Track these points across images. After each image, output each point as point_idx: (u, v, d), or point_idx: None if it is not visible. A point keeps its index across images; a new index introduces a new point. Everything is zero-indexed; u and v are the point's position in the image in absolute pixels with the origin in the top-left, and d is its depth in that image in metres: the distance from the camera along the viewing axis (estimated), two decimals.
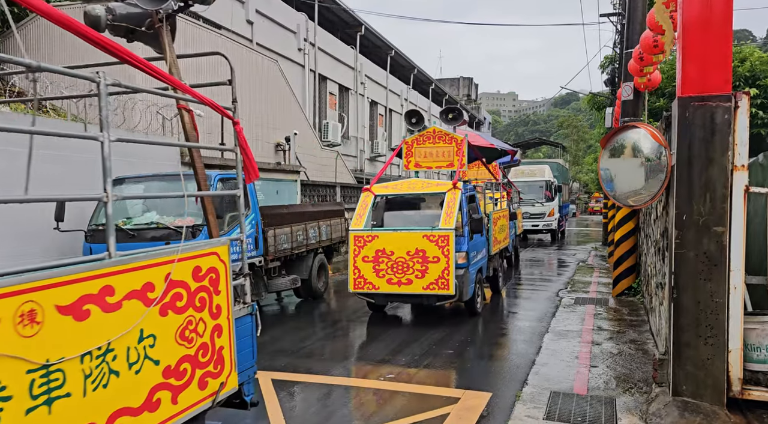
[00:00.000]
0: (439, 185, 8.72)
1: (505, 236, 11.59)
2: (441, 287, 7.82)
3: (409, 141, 9.71)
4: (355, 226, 8.32)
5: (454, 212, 7.99)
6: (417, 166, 9.65)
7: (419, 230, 8.01)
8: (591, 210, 53.28)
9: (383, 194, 8.95)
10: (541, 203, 22.92)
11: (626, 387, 5.47)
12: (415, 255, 7.90)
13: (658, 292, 6.58)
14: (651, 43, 7.62)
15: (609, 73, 20.70)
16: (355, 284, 8.18)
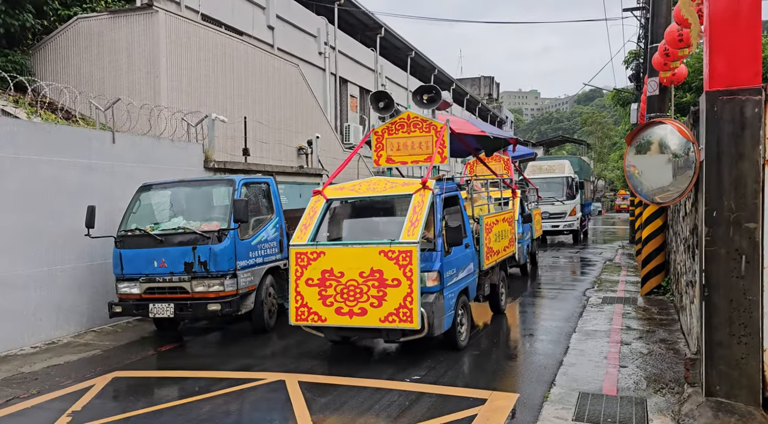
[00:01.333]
0: (406, 185, 6.90)
1: (509, 244, 9.38)
2: (403, 318, 5.98)
3: (379, 131, 7.87)
4: (297, 239, 6.54)
5: (421, 219, 6.20)
6: (389, 162, 7.84)
7: (374, 245, 6.21)
8: (617, 208, 52.48)
9: (338, 198, 7.15)
10: (561, 202, 21.11)
11: (657, 387, 5.38)
12: (370, 277, 6.12)
13: (688, 290, 6.45)
14: (676, 37, 7.49)
15: (633, 69, 20.39)
16: (296, 315, 6.38)
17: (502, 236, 8.91)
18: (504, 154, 12.96)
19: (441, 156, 7.49)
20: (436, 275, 6.39)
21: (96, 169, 8.75)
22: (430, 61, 31.76)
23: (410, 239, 6.04)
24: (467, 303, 7.37)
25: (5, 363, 7.03)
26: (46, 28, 13.33)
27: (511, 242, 9.59)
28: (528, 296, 10.88)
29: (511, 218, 9.72)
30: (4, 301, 7.46)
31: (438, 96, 7.77)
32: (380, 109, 7.90)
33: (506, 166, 13.04)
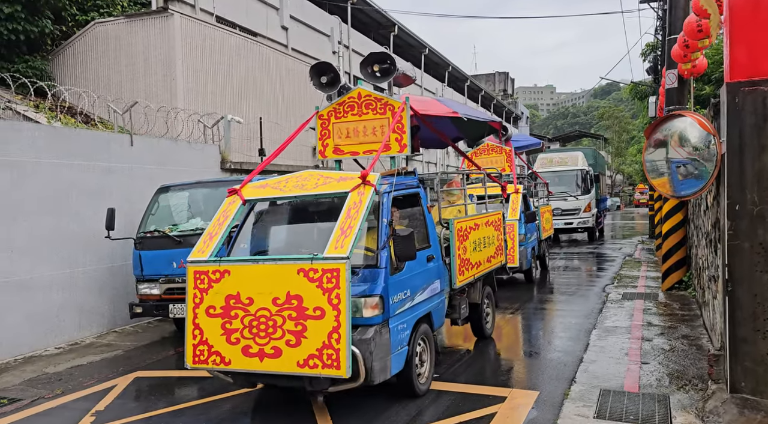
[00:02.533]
0: (342, 181, 5.13)
1: (495, 253, 7.52)
2: (327, 362, 4.32)
3: (324, 114, 6.25)
4: (197, 254, 4.96)
5: (356, 225, 4.56)
6: (337, 153, 6.27)
7: (291, 262, 4.56)
8: (636, 202, 51.88)
9: (257, 199, 5.54)
10: (575, 197, 19.47)
11: (680, 384, 5.30)
12: (286, 305, 4.51)
13: (711, 285, 6.35)
14: (695, 27, 7.36)
15: (651, 61, 20.12)
16: (194, 355, 4.82)
17: (484, 244, 7.07)
18: (506, 145, 11.88)
19: (400, 144, 5.89)
20: (377, 301, 4.72)
21: (115, 171, 8.87)
22: (444, 58, 31.64)
23: (337, 254, 4.37)
24: (430, 334, 5.67)
25: (30, 364, 7.16)
26: (65, 34, 13.54)
27: (499, 250, 7.72)
28: (531, 309, 9.31)
29: (498, 220, 7.74)
30: (28, 303, 7.59)
31: (393, 66, 6.03)
32: (323, 86, 6.15)
33: (508, 158, 11.79)
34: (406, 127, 5.90)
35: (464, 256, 6.41)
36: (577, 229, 20.02)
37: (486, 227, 7.27)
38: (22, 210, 7.57)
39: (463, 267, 6.38)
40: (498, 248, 7.68)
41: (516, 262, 9.80)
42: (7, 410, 5.57)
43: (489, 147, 11.83)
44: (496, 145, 11.79)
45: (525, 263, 10.84)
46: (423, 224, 5.93)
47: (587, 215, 19.56)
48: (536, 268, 12.28)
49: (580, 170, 19.97)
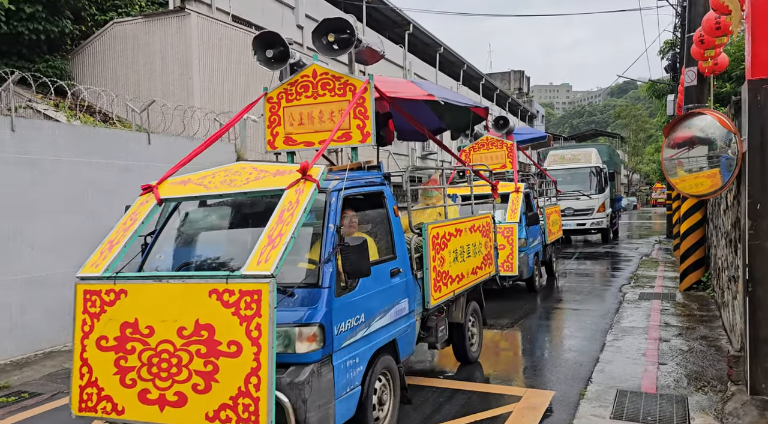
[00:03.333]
0: (279, 175, 4.00)
1: (482, 263, 6.48)
2: (243, 417, 3.25)
3: (273, 96, 5.21)
4: (90, 269, 3.94)
5: (288, 232, 3.45)
6: (289, 143, 5.20)
7: (203, 281, 3.46)
8: (654, 202, 51.29)
9: (175, 198, 4.32)
10: (588, 196, 18.29)
11: (699, 385, 5.24)
12: (194, 337, 3.42)
13: (730, 286, 6.26)
14: (713, 24, 7.25)
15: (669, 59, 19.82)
16: (80, 400, 3.69)
17: (469, 253, 6.05)
18: (508, 139, 10.92)
19: (362, 132, 4.85)
20: (314, 332, 3.60)
21: (132, 169, 8.97)
22: (459, 57, 31.53)
23: (259, 271, 3.27)
24: (394, 367, 4.53)
25: (50, 359, 7.27)
26: (84, 33, 13.72)
27: (488, 260, 6.69)
28: (531, 324, 8.12)
29: (487, 224, 6.72)
30: (47, 299, 7.71)
31: (352, 37, 4.88)
32: (269, 61, 5.10)
33: (509, 153, 10.71)
34: (370, 111, 4.82)
35: (441, 268, 5.35)
36: (590, 230, 18.94)
37: (471, 233, 6.14)
38: (41, 207, 7.69)
39: (441, 282, 5.31)
40: (487, 256, 6.62)
41: (515, 270, 8.72)
42: (28, 404, 5.67)
43: (488, 141, 10.84)
44: (497, 139, 10.82)
45: (526, 271, 9.69)
46: (387, 230, 4.77)
47: (601, 215, 18.40)
48: (540, 275, 10.94)
49: (594, 168, 18.90)
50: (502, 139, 10.78)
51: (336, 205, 4.07)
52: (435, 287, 5.21)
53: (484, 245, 6.60)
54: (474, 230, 6.29)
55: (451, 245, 5.62)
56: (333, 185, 4.16)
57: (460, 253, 5.85)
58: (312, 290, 3.76)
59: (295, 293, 3.74)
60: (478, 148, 10.86)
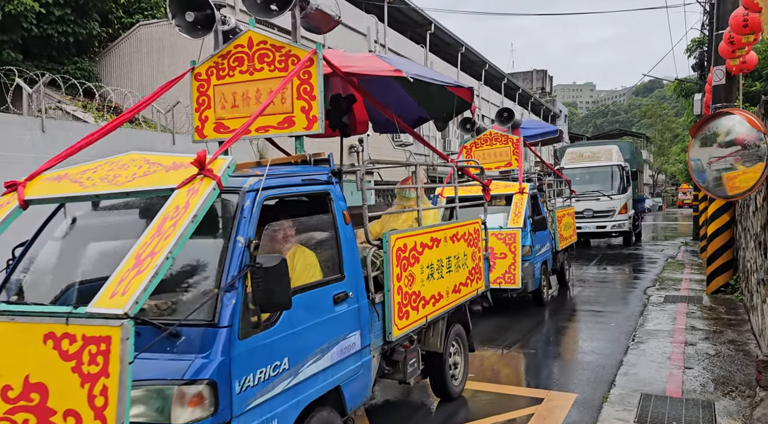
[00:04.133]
0: (173, 170, 2.88)
1: (468, 279, 5.42)
2: None
3: (202, 72, 4.21)
4: None
5: (162, 251, 2.34)
6: (219, 131, 4.16)
7: (38, 319, 2.27)
8: (680, 203, 50.40)
9: (39, 199, 3.11)
10: (609, 197, 17.07)
11: (726, 390, 5.13)
12: (21, 401, 2.23)
13: (759, 289, 6.12)
14: (741, 22, 7.10)
15: (697, 58, 19.48)
16: None
17: (449, 267, 4.96)
18: (514, 133, 9.85)
19: (307, 116, 3.80)
20: (200, 392, 2.58)
21: None
22: (481, 56, 31.38)
23: (109, 308, 2.19)
24: (337, 423, 3.52)
25: None
26: (111, 36, 14.00)
27: (476, 274, 5.59)
28: (534, 345, 6.96)
29: (475, 232, 5.62)
30: None
31: None
32: (192, 27, 4.10)
33: (515, 149, 9.55)
34: (317, 90, 3.74)
35: (410, 288, 4.26)
36: (610, 233, 17.52)
37: (453, 243, 5.09)
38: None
39: (408, 305, 4.24)
40: (474, 270, 5.56)
41: (518, 282, 7.84)
42: None
43: (492, 136, 9.82)
44: (501, 134, 9.76)
45: (531, 283, 8.53)
46: (334, 242, 3.66)
47: (623, 217, 17.12)
48: (548, 286, 9.71)
49: (615, 166, 17.56)
50: (507, 134, 9.75)
51: (249, 211, 3.02)
52: (400, 313, 4.11)
53: (471, 257, 5.50)
54: (457, 239, 5.18)
55: (425, 258, 4.55)
56: (248, 184, 3.12)
57: (438, 268, 4.74)
58: (204, 330, 2.67)
59: (180, 332, 2.63)
60: (480, 144, 9.87)
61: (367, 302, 3.84)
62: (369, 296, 3.88)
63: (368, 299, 3.86)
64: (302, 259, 3.52)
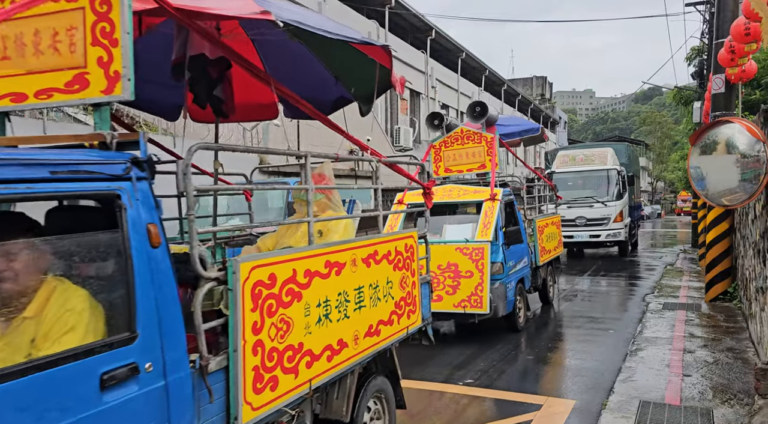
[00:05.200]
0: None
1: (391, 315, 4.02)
2: None
3: None
4: None
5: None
6: None
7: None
8: (678, 211, 50.42)
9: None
10: (603, 204, 16.00)
11: (725, 398, 5.14)
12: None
13: (758, 297, 6.14)
14: (742, 31, 7.15)
15: (696, 66, 19.57)
16: None
17: (361, 301, 3.63)
18: (488, 131, 8.78)
19: (106, 72, 2.32)
20: None
21: None
22: (481, 62, 31.49)
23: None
24: None
25: None
26: None
27: (406, 306, 4.25)
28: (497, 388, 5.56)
29: (405, 250, 4.26)
30: None
31: None
32: None
33: (489, 149, 8.32)
34: (119, 32, 2.28)
35: (281, 342, 2.85)
36: (605, 243, 16.47)
37: (369, 268, 3.71)
38: None
39: (276, 368, 2.82)
40: (404, 302, 4.15)
41: (485, 306, 6.76)
42: None
43: (464, 134, 8.59)
44: (474, 132, 8.53)
45: (502, 307, 7.22)
46: (123, 275, 2.25)
47: (618, 225, 15.99)
48: (525, 308, 8.33)
49: (611, 170, 16.45)
50: (480, 132, 8.56)
51: None
52: (259, 383, 2.69)
53: (400, 284, 4.11)
54: (376, 261, 3.79)
55: (315, 292, 3.12)
56: None
57: (339, 304, 3.36)
58: None
59: None
60: (450, 143, 8.65)
61: (190, 375, 2.39)
62: (197, 362, 2.41)
63: (193, 369, 2.40)
64: (59, 302, 2.12)
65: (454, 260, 6.55)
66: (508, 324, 7.93)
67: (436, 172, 8.35)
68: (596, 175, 16.43)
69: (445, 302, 6.83)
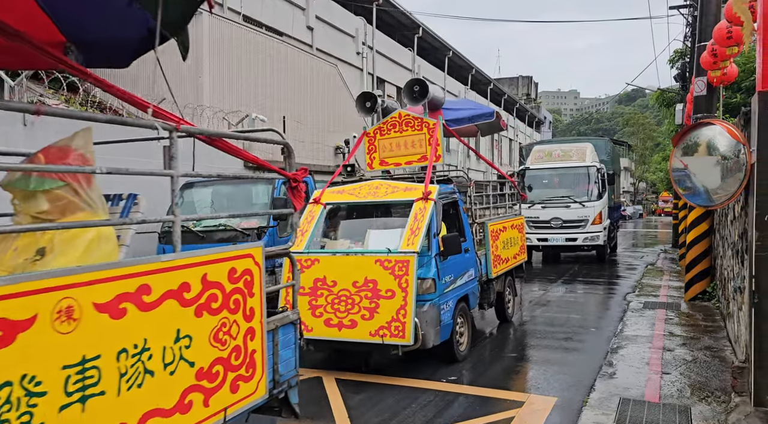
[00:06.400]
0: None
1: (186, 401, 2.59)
2: None
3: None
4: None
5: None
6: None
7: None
8: (659, 211, 51.08)
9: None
10: (581, 204, 14.81)
11: (702, 396, 5.23)
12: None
13: (736, 296, 6.25)
14: (725, 34, 7.26)
15: (679, 68, 19.82)
16: None
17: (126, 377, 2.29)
18: (431, 116, 7.38)
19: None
20: None
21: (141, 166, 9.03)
22: (468, 61, 31.59)
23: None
24: None
25: None
26: None
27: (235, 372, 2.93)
28: None
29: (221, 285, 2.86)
30: None
31: None
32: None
33: (430, 138, 7.01)
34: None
35: None
36: (582, 247, 15.26)
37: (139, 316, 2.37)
38: None
39: None
40: (218, 370, 2.83)
41: (408, 336, 5.34)
42: None
43: (402, 120, 7.16)
44: (414, 117, 7.15)
45: (435, 335, 5.76)
46: None
47: (596, 228, 14.77)
48: (468, 333, 6.70)
49: (589, 167, 15.17)
50: (421, 117, 7.18)
51: None
52: None
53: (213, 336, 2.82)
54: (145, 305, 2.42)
55: None
56: None
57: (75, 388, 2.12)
58: None
59: None
60: (386, 130, 7.24)
61: None
62: None
63: None
64: None
65: (372, 276, 5.40)
66: (443, 355, 6.34)
67: (370, 165, 7.35)
68: (574, 173, 15.29)
69: (360, 330, 5.52)
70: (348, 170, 7.92)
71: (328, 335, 5.64)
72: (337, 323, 5.61)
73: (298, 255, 5.75)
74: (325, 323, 5.66)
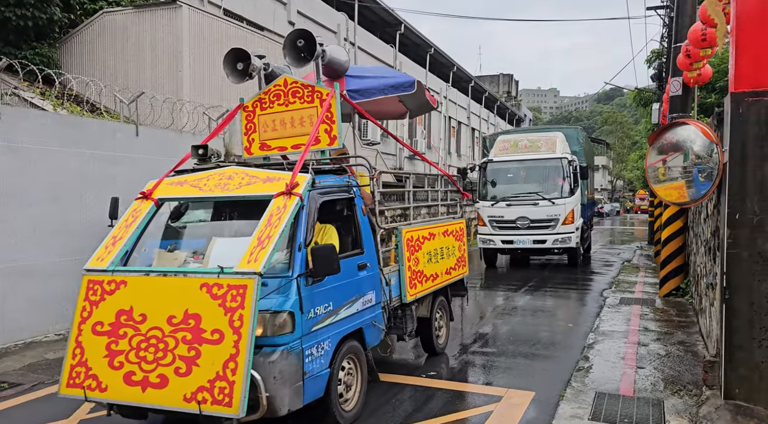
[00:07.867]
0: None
1: None
2: None
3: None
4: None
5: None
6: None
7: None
8: (636, 209, 51.90)
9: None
10: (551, 201, 13.19)
11: (675, 389, 5.36)
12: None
13: (708, 293, 6.40)
14: (699, 36, 7.41)
15: (656, 68, 20.16)
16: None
17: None
18: (327, 85, 5.40)
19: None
20: None
21: (120, 161, 8.91)
22: (449, 59, 31.68)
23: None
24: None
25: (30, 349, 7.21)
26: (73, 22, 13.57)
27: None
28: None
29: None
30: (30, 289, 7.64)
31: None
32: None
33: (326, 112, 5.04)
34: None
35: None
36: (552, 250, 13.58)
37: None
38: (27, 196, 7.62)
39: None
40: None
41: (236, 403, 3.48)
42: (7, 394, 5.63)
43: (289, 89, 5.27)
44: (304, 86, 5.22)
45: (291, 396, 3.89)
46: None
47: (568, 228, 13.15)
48: (358, 384, 4.81)
49: (560, 159, 13.42)
50: (313, 85, 5.22)
51: None
52: None
53: None
54: None
55: None
56: None
57: None
58: None
59: None
60: (269, 102, 5.36)
61: None
62: None
63: None
64: None
65: (195, 309, 3.73)
66: (322, 417, 4.44)
67: (248, 149, 5.45)
68: (542, 165, 13.56)
69: (171, 391, 3.67)
70: (199, 154, 5.38)
71: (128, 397, 3.76)
72: (141, 380, 3.72)
73: (95, 274, 4.10)
74: (125, 380, 3.76)
